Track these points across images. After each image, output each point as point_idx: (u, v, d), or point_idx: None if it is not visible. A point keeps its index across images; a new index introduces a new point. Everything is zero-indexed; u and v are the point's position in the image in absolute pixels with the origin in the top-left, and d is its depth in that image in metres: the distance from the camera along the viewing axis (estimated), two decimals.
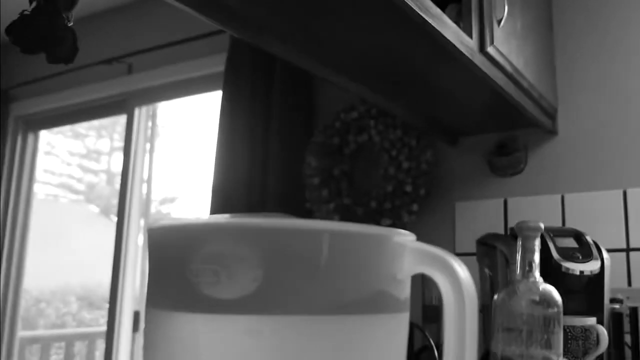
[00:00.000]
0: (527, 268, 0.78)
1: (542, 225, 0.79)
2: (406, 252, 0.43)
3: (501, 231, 1.56)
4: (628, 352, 1.28)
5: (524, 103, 1.37)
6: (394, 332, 0.42)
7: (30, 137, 2.90)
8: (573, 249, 1.26)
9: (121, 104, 2.52)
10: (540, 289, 0.78)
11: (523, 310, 0.76)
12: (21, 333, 2.90)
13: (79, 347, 3.14)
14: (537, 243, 0.78)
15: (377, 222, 1.69)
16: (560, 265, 1.21)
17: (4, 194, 2.85)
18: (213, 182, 2.02)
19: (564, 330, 1.19)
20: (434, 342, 1.40)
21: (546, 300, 0.77)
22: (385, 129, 1.72)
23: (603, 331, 1.18)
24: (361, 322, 0.39)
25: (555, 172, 1.54)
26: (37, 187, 2.97)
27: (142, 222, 2.60)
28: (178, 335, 0.39)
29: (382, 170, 1.72)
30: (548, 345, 0.76)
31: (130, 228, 2.55)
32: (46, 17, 0.85)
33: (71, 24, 0.88)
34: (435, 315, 1.43)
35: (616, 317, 1.29)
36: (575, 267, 1.21)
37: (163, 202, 6.69)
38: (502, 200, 1.59)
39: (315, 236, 0.38)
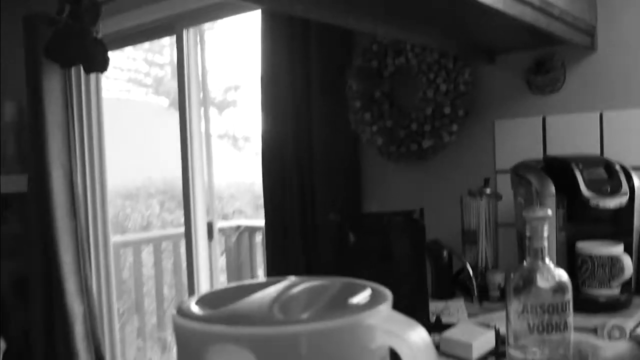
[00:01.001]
0: (540, 255, 0.84)
1: (549, 212, 0.83)
2: (377, 331, 0.52)
3: (539, 150, 1.59)
4: None
5: (556, 30, 1.33)
6: None
7: None
8: (602, 180, 1.29)
9: (169, 27, 2.58)
10: (557, 278, 0.83)
11: (544, 300, 0.82)
12: (113, 238, 3.24)
13: (165, 245, 3.48)
14: (546, 229, 0.83)
15: (419, 144, 1.75)
16: (589, 200, 1.26)
17: (77, 100, 3.03)
18: (261, 102, 2.10)
19: (591, 258, 1.27)
20: (471, 263, 1.51)
21: (562, 288, 0.84)
22: (422, 52, 1.71)
23: (628, 260, 1.24)
24: None
25: (594, 90, 1.52)
26: (107, 85, 3.12)
27: (202, 111, 2.74)
28: None
29: (421, 93, 1.74)
30: (566, 327, 0.83)
31: (192, 121, 2.71)
32: (76, 35, 0.92)
33: (99, 35, 0.95)
34: (473, 239, 1.52)
35: None
36: (604, 203, 1.25)
37: (227, 90, 6.85)
38: (540, 119, 1.60)
39: (295, 337, 0.48)
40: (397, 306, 0.99)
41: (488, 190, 1.52)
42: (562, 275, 0.85)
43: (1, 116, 3.06)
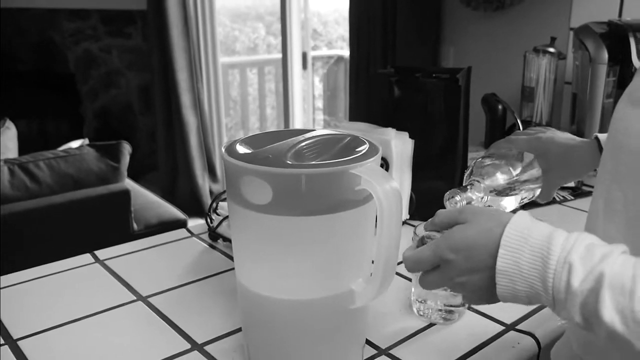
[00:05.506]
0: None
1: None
2: (362, 178, 0.72)
3: (616, 10, 1.59)
4: None
5: None
6: (360, 218, 0.74)
7: None
8: None
9: None
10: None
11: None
12: (222, 59, 3.52)
13: (269, 69, 3.73)
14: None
15: None
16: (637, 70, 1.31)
17: None
18: None
19: None
20: (528, 118, 1.63)
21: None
22: None
23: None
24: (335, 217, 0.71)
25: None
26: None
27: None
28: (239, 218, 0.76)
29: None
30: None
31: None
32: None
33: None
34: (530, 95, 1.62)
35: None
36: None
37: None
38: None
39: (298, 176, 0.70)
40: (430, 154, 1.19)
41: (552, 49, 1.58)
42: None
43: None
